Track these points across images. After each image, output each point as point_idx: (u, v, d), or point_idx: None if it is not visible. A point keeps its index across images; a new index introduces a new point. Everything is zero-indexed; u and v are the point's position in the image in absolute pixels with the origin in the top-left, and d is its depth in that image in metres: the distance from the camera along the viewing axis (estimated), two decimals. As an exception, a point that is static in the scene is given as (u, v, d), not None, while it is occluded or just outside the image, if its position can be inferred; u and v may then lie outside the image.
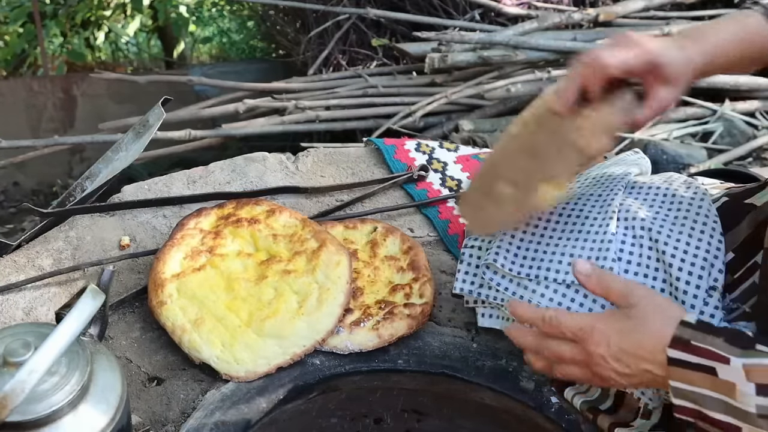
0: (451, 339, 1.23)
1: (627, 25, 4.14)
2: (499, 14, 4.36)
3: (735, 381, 0.80)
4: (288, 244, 1.30)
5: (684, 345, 0.84)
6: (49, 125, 4.87)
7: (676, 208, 1.12)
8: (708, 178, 1.31)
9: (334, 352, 1.18)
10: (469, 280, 1.20)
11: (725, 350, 0.82)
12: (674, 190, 1.14)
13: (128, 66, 6.92)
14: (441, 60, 3.80)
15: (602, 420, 1.07)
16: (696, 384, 0.83)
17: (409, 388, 1.23)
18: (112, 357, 0.92)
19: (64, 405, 0.81)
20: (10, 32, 5.96)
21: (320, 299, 1.20)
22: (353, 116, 3.98)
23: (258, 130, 3.90)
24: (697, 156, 3.68)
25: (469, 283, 1.20)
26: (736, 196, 1.14)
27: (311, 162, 1.66)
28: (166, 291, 1.19)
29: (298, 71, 4.70)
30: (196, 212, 1.35)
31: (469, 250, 1.21)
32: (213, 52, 7.70)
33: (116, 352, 1.17)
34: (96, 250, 1.37)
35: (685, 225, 1.09)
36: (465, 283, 1.20)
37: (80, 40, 6.36)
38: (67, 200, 1.50)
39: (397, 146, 1.69)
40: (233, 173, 1.58)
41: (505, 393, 1.17)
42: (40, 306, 1.24)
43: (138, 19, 6.49)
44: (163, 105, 1.50)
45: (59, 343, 0.79)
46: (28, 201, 4.29)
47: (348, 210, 1.53)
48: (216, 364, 1.13)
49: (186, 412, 1.09)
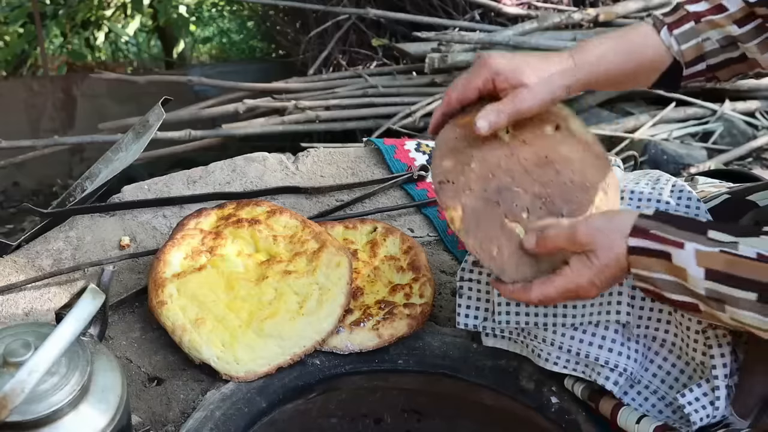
0: (451, 339, 1.23)
1: (627, 24, 4.14)
2: (499, 14, 4.36)
3: (686, 265, 0.85)
4: (288, 245, 1.30)
5: (643, 233, 0.89)
6: (49, 125, 4.87)
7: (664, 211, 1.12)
8: (708, 178, 1.31)
9: (334, 352, 1.18)
10: (472, 315, 1.17)
11: (680, 236, 0.87)
12: (665, 199, 1.13)
13: (128, 66, 6.92)
14: (441, 60, 3.80)
15: (604, 405, 1.08)
16: (654, 269, 0.88)
17: (409, 388, 1.23)
18: (112, 357, 0.92)
19: (64, 405, 0.81)
20: (10, 33, 5.96)
21: (320, 300, 1.20)
22: (353, 116, 3.98)
23: (258, 130, 3.90)
24: (697, 156, 3.68)
25: (472, 318, 1.17)
26: (738, 193, 1.14)
27: (311, 162, 1.66)
28: (166, 291, 1.19)
29: (298, 71, 4.70)
30: (197, 212, 1.35)
31: (467, 283, 1.17)
32: (213, 52, 7.70)
33: (116, 352, 1.17)
34: (96, 250, 1.37)
35: None
36: (468, 318, 1.17)
37: (80, 41, 6.36)
38: (67, 200, 1.50)
39: (397, 146, 1.69)
40: (233, 173, 1.58)
41: (505, 393, 1.17)
42: (40, 306, 1.24)
43: (138, 19, 6.49)
44: (163, 105, 1.50)
45: (59, 343, 0.79)
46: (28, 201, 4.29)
47: (348, 210, 1.53)
48: (216, 364, 1.13)
49: (186, 412, 1.09)
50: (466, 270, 1.17)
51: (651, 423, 1.01)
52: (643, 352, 1.07)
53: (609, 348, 1.06)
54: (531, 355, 1.14)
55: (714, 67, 1.09)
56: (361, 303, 1.25)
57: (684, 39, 1.06)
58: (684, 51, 1.06)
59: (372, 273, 1.31)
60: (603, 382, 1.05)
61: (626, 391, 1.07)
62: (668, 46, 1.06)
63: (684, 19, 1.06)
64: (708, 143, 3.84)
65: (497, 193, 1.03)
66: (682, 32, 1.05)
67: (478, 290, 1.17)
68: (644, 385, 1.07)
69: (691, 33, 1.06)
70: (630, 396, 1.07)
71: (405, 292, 1.27)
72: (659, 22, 1.07)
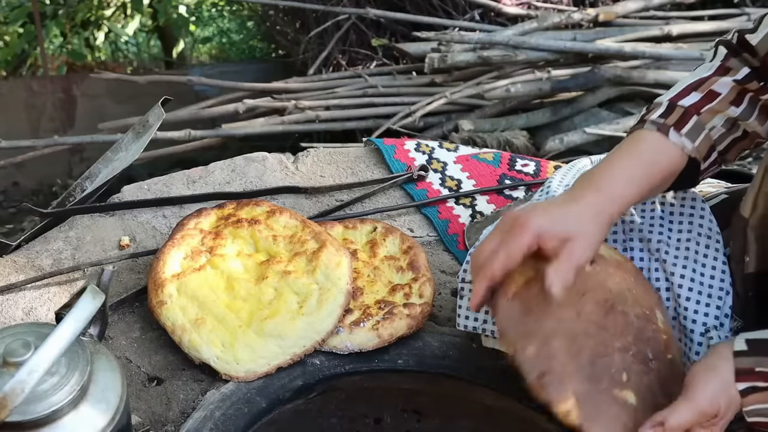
0: (451, 339, 1.23)
1: (627, 24, 4.14)
2: (499, 14, 4.36)
3: None
4: (288, 245, 1.30)
5: (748, 374, 0.89)
6: (49, 125, 4.86)
7: (669, 213, 1.12)
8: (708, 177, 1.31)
9: (334, 352, 1.18)
10: (473, 316, 1.17)
11: None
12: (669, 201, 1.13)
13: (128, 66, 6.91)
14: (441, 60, 3.80)
15: None
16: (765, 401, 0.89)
17: (409, 388, 1.23)
18: (112, 357, 0.92)
19: (64, 405, 0.81)
20: (10, 32, 5.95)
21: (320, 300, 1.20)
22: (353, 116, 3.97)
23: (258, 130, 3.90)
24: (697, 156, 3.67)
25: (472, 320, 1.17)
26: (737, 193, 1.14)
27: (311, 162, 1.66)
28: (166, 291, 1.19)
29: (297, 71, 4.69)
30: (196, 212, 1.35)
31: (469, 285, 1.17)
32: (213, 52, 7.69)
33: (116, 352, 1.17)
34: (96, 250, 1.37)
35: (681, 231, 1.09)
36: (468, 320, 1.18)
37: (80, 41, 6.35)
38: (67, 200, 1.50)
39: (396, 146, 1.69)
40: (233, 173, 1.58)
41: (505, 393, 1.17)
42: (40, 306, 1.24)
43: (138, 19, 6.49)
44: (162, 105, 1.50)
45: (59, 343, 0.79)
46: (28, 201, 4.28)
47: (348, 210, 1.53)
48: (216, 364, 1.13)
49: (186, 412, 1.09)
50: (468, 271, 1.17)
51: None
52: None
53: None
54: None
55: (723, 152, 1.06)
56: (361, 303, 1.25)
57: (694, 136, 1.02)
58: (698, 147, 1.03)
59: (372, 273, 1.31)
60: None
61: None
62: (681, 148, 1.02)
63: (685, 116, 1.03)
64: (708, 143, 3.83)
65: (592, 366, 0.95)
66: (689, 130, 1.02)
67: None
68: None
69: (698, 128, 1.03)
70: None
71: (405, 292, 1.27)
72: (662, 126, 1.02)
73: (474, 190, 1.59)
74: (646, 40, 3.93)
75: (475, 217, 1.53)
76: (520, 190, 1.60)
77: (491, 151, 1.75)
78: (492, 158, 1.69)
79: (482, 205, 1.56)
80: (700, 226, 1.09)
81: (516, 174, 1.64)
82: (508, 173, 1.64)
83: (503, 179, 1.62)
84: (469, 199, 1.57)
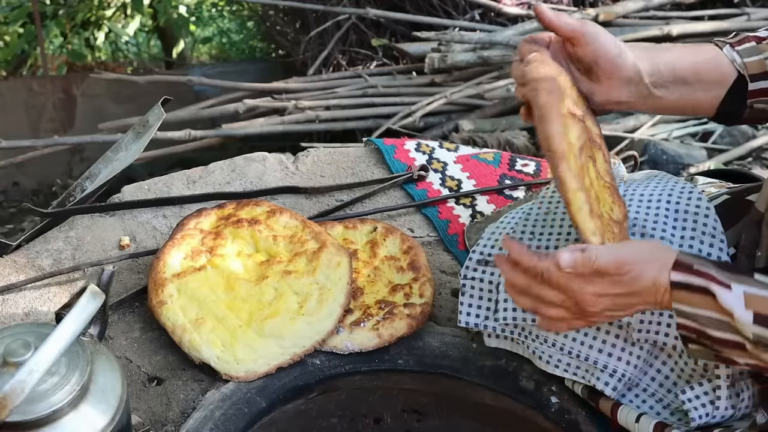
0: (451, 339, 1.23)
1: (627, 24, 4.14)
2: (499, 14, 4.36)
3: (733, 307, 0.84)
4: (288, 245, 1.30)
5: (687, 268, 0.87)
6: (49, 125, 4.87)
7: (674, 211, 1.12)
8: (708, 178, 1.31)
9: (334, 352, 1.18)
10: (474, 313, 1.17)
11: (726, 277, 0.85)
12: (675, 199, 1.13)
13: (128, 66, 6.92)
14: (441, 60, 3.80)
15: (603, 404, 1.08)
16: (697, 305, 0.87)
17: (409, 388, 1.23)
18: (112, 357, 0.92)
19: (64, 405, 0.81)
20: (10, 33, 5.96)
21: (320, 300, 1.20)
22: (353, 116, 3.98)
23: (258, 130, 3.90)
24: (697, 156, 3.68)
25: (474, 316, 1.17)
26: (738, 193, 1.14)
27: (311, 162, 1.66)
28: (166, 291, 1.19)
29: (297, 71, 4.70)
30: (197, 212, 1.35)
31: (470, 281, 1.17)
32: (213, 52, 7.70)
33: (116, 352, 1.17)
34: (96, 250, 1.37)
35: (686, 229, 1.09)
36: (470, 317, 1.18)
37: (80, 41, 6.36)
38: (67, 200, 1.50)
39: (397, 146, 1.69)
40: (233, 173, 1.58)
41: (505, 393, 1.17)
42: (40, 306, 1.24)
43: (138, 19, 6.49)
44: (162, 105, 1.50)
45: (59, 343, 0.79)
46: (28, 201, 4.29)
47: (348, 210, 1.53)
48: (216, 364, 1.13)
49: (186, 412, 1.09)
50: (470, 268, 1.18)
51: (650, 420, 1.02)
52: (644, 357, 1.07)
53: (609, 352, 1.06)
54: (532, 357, 1.14)
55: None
56: (361, 303, 1.25)
57: (747, 54, 1.05)
58: (748, 64, 1.04)
59: (372, 273, 1.31)
60: (602, 387, 1.06)
61: (624, 394, 1.07)
62: (731, 60, 1.05)
63: (745, 39, 1.06)
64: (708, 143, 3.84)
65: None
66: (744, 48, 1.05)
67: (480, 289, 1.17)
68: (642, 388, 1.08)
69: (753, 50, 1.05)
70: (628, 398, 1.07)
71: (405, 292, 1.27)
72: (720, 42, 1.07)
73: (474, 190, 1.59)
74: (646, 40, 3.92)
75: (476, 217, 1.53)
76: (520, 190, 1.59)
77: (491, 151, 1.75)
78: (492, 158, 1.69)
79: (482, 205, 1.56)
80: (704, 225, 1.08)
81: (516, 174, 1.64)
82: (509, 173, 1.64)
83: (503, 179, 1.62)
84: (469, 199, 1.57)
